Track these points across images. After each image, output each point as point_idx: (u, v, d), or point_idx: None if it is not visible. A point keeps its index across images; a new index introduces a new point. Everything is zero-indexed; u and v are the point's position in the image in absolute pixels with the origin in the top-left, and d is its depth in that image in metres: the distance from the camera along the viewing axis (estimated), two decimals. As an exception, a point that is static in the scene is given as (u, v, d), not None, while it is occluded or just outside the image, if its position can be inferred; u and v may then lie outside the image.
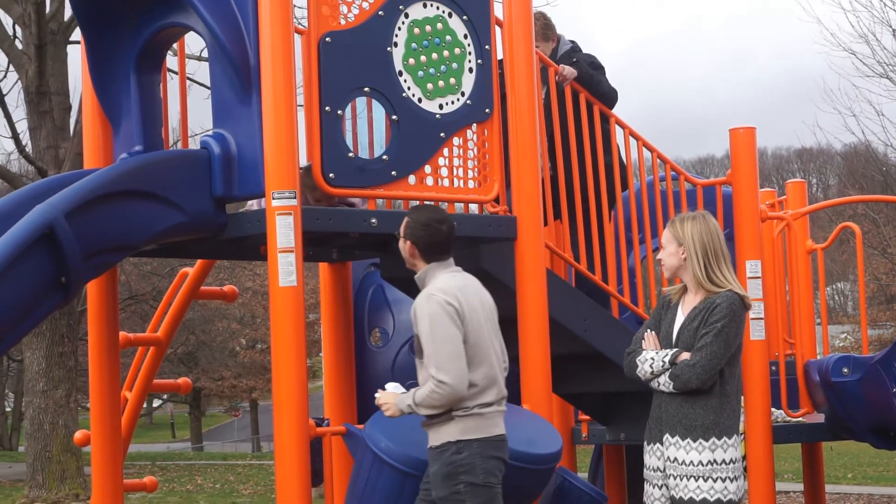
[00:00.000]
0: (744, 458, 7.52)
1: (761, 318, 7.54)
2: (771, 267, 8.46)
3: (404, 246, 5.82)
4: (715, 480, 5.84)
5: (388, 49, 6.51)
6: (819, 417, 8.21)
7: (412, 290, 5.96)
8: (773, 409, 7.70)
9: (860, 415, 7.74)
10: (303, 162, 6.25)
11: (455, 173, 6.73)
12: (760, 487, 7.45)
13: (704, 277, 5.99)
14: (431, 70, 6.65)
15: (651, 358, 5.98)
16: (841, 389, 7.67)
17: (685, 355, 5.90)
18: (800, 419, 8.14)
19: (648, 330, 6.13)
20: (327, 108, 6.27)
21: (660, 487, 6.02)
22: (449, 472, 5.56)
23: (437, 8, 6.69)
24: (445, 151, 6.70)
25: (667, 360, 5.92)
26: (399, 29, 6.55)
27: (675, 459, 5.90)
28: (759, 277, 7.56)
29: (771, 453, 7.54)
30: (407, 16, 6.59)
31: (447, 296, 5.60)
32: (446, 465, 5.57)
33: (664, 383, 5.93)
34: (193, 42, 20.43)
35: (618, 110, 8.00)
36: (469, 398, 5.58)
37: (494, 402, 5.65)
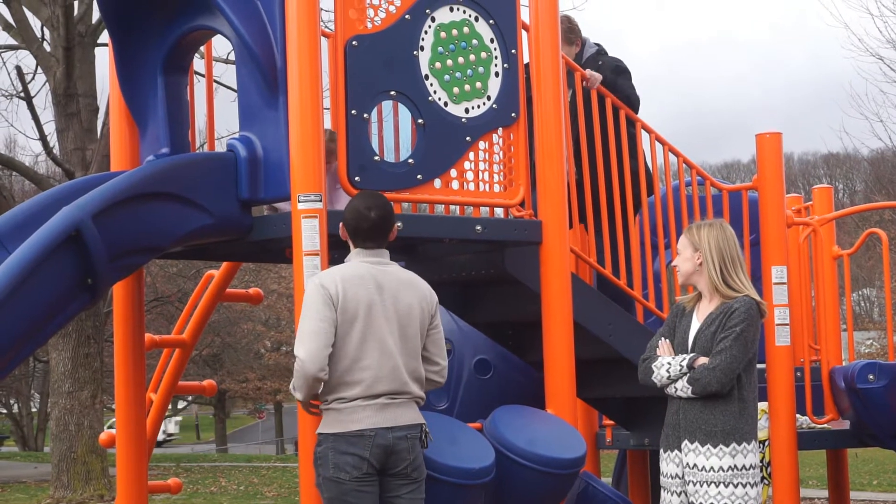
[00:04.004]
0: (768, 464, 7.51)
1: (787, 324, 7.53)
2: (797, 273, 8.43)
3: (341, 229, 5.82)
4: (736, 486, 5.82)
5: (415, 53, 6.51)
6: (844, 424, 8.19)
7: (440, 293, 5.95)
8: (798, 416, 7.68)
9: (886, 421, 7.72)
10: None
11: (480, 177, 6.73)
12: (785, 494, 7.43)
13: (720, 281, 5.98)
14: (458, 74, 6.65)
15: (668, 363, 5.97)
16: (866, 396, 7.65)
17: (702, 360, 5.89)
18: (825, 426, 8.12)
19: (662, 338, 6.12)
20: (353, 111, 6.27)
21: (678, 494, 6.00)
22: (313, 463, 5.67)
23: (464, 12, 6.69)
24: (471, 155, 6.70)
25: (684, 364, 5.91)
26: (425, 33, 6.56)
27: (695, 465, 5.88)
28: (784, 283, 7.55)
29: (796, 460, 7.52)
30: (433, 20, 6.60)
31: (325, 280, 5.59)
32: (313, 457, 5.67)
33: (682, 388, 5.92)
34: (220, 45, 20.52)
35: (649, 114, 7.98)
36: (327, 391, 5.58)
37: (359, 398, 5.56)
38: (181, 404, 60.71)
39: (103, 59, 25.47)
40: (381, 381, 5.58)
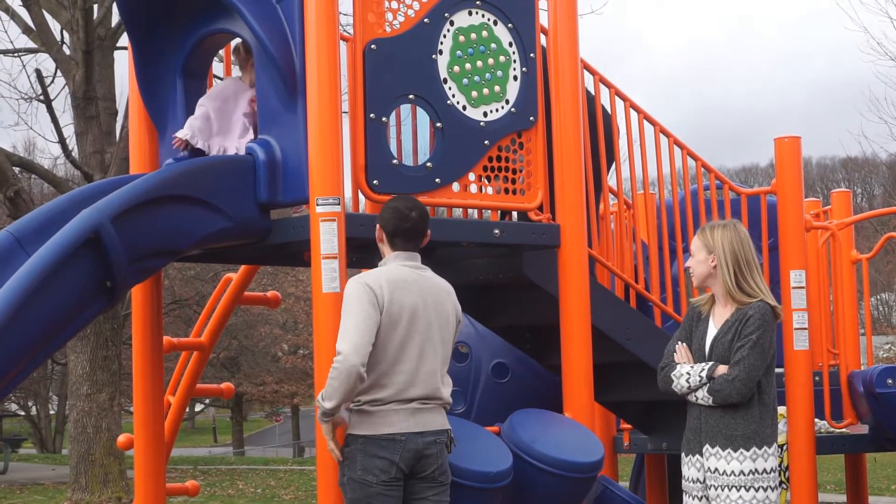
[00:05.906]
0: (786, 468, 7.50)
1: (805, 329, 7.51)
2: (815, 277, 8.42)
3: (377, 230, 5.80)
4: (757, 490, 5.81)
5: (433, 56, 6.52)
6: (863, 428, 8.18)
7: (457, 297, 5.96)
8: (816, 420, 7.66)
9: (905, 426, 7.70)
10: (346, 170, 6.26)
11: (499, 181, 6.73)
12: (803, 498, 7.42)
13: (734, 287, 5.94)
14: (476, 78, 6.65)
15: (687, 373, 5.95)
16: (885, 400, 7.63)
17: (722, 369, 5.86)
18: (843, 430, 8.10)
19: (680, 342, 6.10)
20: (372, 114, 6.28)
21: (700, 499, 5.99)
22: (339, 463, 5.63)
23: (483, 16, 6.70)
24: (489, 159, 6.70)
25: (703, 374, 5.88)
26: (444, 36, 6.56)
27: (716, 470, 5.87)
28: (803, 287, 7.53)
29: (814, 464, 7.50)
30: (452, 23, 6.60)
31: (370, 281, 5.57)
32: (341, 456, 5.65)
33: (702, 398, 5.90)
34: (239, 48, 20.52)
35: (667, 117, 7.94)
36: (360, 392, 5.52)
37: (392, 401, 5.53)
38: (199, 407, 60.78)
39: (123, 62, 25.57)
40: (415, 386, 5.57)
